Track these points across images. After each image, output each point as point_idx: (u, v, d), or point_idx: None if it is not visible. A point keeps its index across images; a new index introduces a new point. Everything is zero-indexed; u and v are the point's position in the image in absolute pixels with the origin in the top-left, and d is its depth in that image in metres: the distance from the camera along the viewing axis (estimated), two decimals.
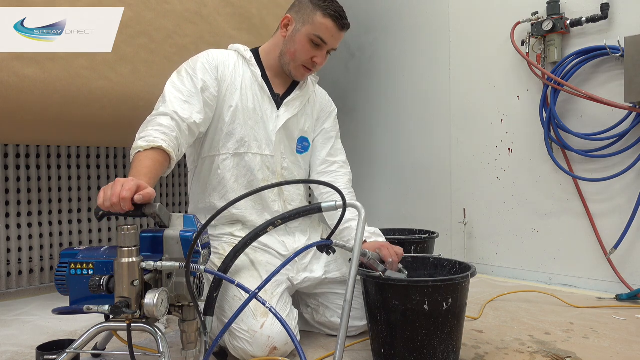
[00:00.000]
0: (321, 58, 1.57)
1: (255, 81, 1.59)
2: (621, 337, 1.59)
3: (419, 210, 3.00)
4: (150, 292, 1.08)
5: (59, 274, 1.15)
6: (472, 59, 2.69)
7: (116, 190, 1.06)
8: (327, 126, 1.76)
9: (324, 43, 1.53)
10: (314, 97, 1.74)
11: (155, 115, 1.37)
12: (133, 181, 1.09)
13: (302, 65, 1.57)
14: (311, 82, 1.73)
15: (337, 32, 1.54)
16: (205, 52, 1.57)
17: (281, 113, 1.62)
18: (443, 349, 1.27)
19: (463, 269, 1.42)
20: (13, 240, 2.31)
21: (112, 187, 1.07)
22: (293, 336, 1.07)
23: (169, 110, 1.38)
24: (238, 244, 1.40)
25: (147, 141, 1.26)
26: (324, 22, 1.51)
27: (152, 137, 1.28)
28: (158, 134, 1.29)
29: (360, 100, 3.35)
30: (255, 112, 1.58)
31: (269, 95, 1.60)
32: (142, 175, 1.18)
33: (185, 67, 1.52)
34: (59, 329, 1.77)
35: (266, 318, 1.35)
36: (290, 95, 1.65)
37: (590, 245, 2.26)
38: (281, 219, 1.41)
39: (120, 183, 1.07)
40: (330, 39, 1.54)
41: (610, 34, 2.15)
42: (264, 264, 1.50)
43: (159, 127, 1.32)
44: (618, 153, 2.13)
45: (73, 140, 2.32)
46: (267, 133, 1.59)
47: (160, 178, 1.37)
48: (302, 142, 1.70)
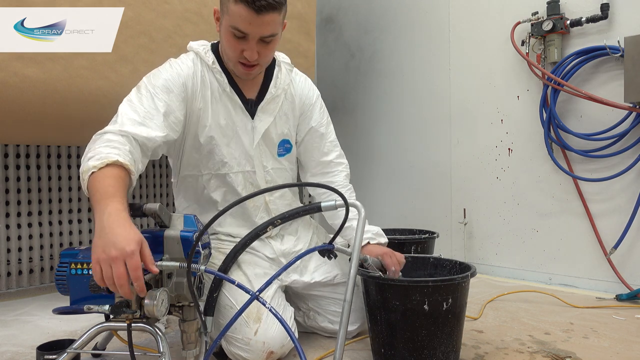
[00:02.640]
0: (250, 51, 1.32)
1: (223, 91, 1.43)
2: (621, 337, 1.59)
3: (419, 210, 3.00)
4: (151, 292, 1.08)
5: (59, 273, 1.15)
6: (472, 59, 2.69)
7: (120, 271, 0.93)
8: (315, 123, 1.60)
9: (244, 33, 1.30)
10: (291, 90, 1.56)
11: (101, 134, 1.21)
12: (133, 257, 0.94)
13: (238, 63, 1.37)
14: (286, 72, 1.55)
15: (255, 18, 1.27)
16: (168, 65, 1.40)
17: (257, 123, 1.48)
18: (443, 349, 1.28)
19: (463, 269, 1.42)
20: (13, 240, 2.31)
21: (111, 267, 0.93)
22: (292, 335, 1.07)
23: (114, 129, 1.20)
24: (238, 244, 1.41)
25: (99, 159, 1.10)
26: (237, 9, 1.27)
27: (102, 154, 1.12)
28: (108, 150, 1.14)
29: (360, 100, 3.35)
30: (228, 127, 1.45)
31: (240, 105, 1.45)
32: (111, 196, 1.02)
33: (145, 83, 1.34)
34: (59, 329, 1.77)
35: (259, 324, 1.33)
36: (264, 99, 1.49)
37: (590, 245, 2.26)
38: (281, 219, 1.41)
39: (120, 263, 0.93)
40: (249, 27, 1.28)
41: (610, 34, 2.15)
42: (252, 266, 1.47)
43: (107, 142, 1.16)
44: (618, 153, 2.13)
45: (73, 140, 2.32)
46: (245, 148, 1.47)
47: (160, 177, 1.36)
48: (284, 145, 1.57)
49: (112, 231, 0.96)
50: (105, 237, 0.96)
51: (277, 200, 1.56)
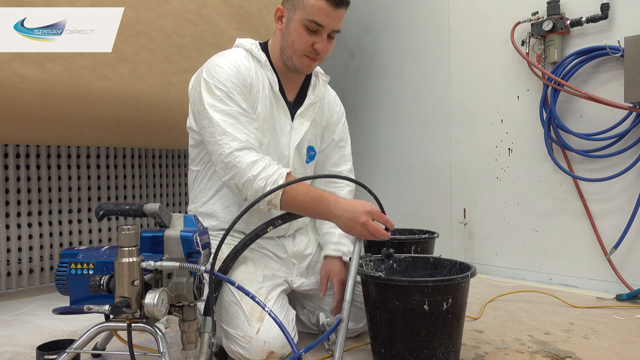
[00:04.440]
0: (322, 44, 1.41)
1: (271, 89, 1.48)
2: (621, 337, 1.59)
3: (419, 210, 3.00)
4: (151, 292, 1.08)
5: (59, 274, 1.16)
6: (472, 59, 2.69)
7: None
8: (337, 136, 1.68)
9: (320, 27, 1.38)
10: (324, 101, 1.64)
11: (237, 153, 1.34)
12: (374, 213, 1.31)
13: (304, 56, 1.44)
14: (322, 83, 1.63)
15: (333, 11, 1.37)
16: (224, 58, 1.43)
17: (296, 126, 1.53)
18: (443, 349, 1.27)
19: (463, 269, 1.41)
20: (13, 240, 2.30)
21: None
22: (291, 340, 1.07)
23: (241, 143, 1.34)
24: (238, 244, 1.40)
25: (278, 174, 1.32)
26: (316, 3, 1.36)
27: (271, 172, 1.33)
28: (274, 167, 1.34)
29: (360, 100, 3.35)
30: (269, 125, 1.48)
31: (283, 105, 1.50)
32: (321, 193, 1.33)
33: (213, 85, 1.38)
34: (59, 329, 1.77)
35: (261, 323, 1.33)
36: (304, 105, 1.55)
37: (590, 245, 2.26)
38: (281, 219, 1.41)
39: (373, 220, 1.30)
40: (326, 20, 1.38)
41: (610, 34, 2.15)
42: (262, 267, 1.47)
43: (263, 164, 1.34)
44: (618, 153, 2.13)
45: (73, 140, 2.32)
46: (280, 146, 1.51)
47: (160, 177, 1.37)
48: (310, 152, 1.62)
49: (352, 205, 1.30)
50: (353, 211, 1.29)
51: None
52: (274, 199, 1.31)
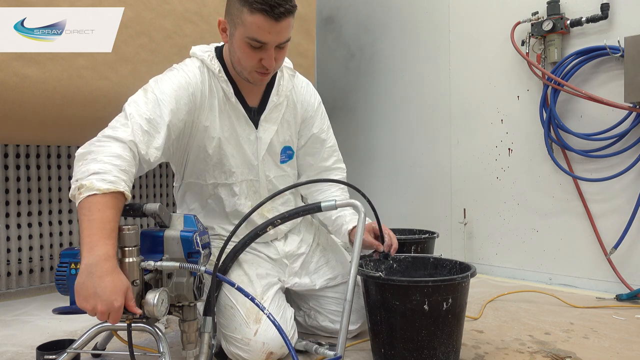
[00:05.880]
0: (269, 59, 1.29)
1: (228, 100, 1.40)
2: (621, 337, 1.59)
3: (419, 210, 3.00)
4: (151, 292, 1.08)
5: (59, 273, 1.16)
6: (472, 59, 2.69)
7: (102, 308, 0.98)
8: (316, 129, 1.59)
9: (261, 43, 1.27)
10: (293, 97, 1.54)
11: (112, 138, 1.17)
12: (118, 312, 0.99)
13: (254, 71, 1.33)
14: (288, 78, 1.52)
15: (274, 26, 1.23)
16: (176, 71, 1.35)
17: (261, 134, 1.46)
18: (443, 349, 1.27)
19: (463, 269, 1.42)
20: (13, 240, 2.30)
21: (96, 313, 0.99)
22: (288, 342, 1.07)
23: (127, 138, 1.17)
24: (237, 244, 1.40)
25: (108, 182, 1.07)
26: (254, 20, 1.23)
27: (111, 177, 1.08)
28: (117, 173, 1.10)
29: (360, 100, 3.35)
30: (232, 137, 1.43)
31: (244, 114, 1.43)
32: (107, 237, 1.02)
33: (153, 88, 1.29)
34: (59, 329, 1.77)
35: (259, 324, 1.33)
36: (267, 108, 1.46)
37: (590, 245, 2.26)
38: (280, 219, 1.41)
39: (105, 317, 0.99)
40: (268, 36, 1.25)
41: (610, 34, 2.15)
42: (254, 266, 1.47)
43: (116, 159, 1.12)
44: (618, 153, 2.13)
45: (73, 141, 2.32)
46: (247, 157, 1.46)
47: (160, 177, 1.36)
48: (286, 152, 1.55)
49: (101, 279, 0.99)
50: (92, 282, 0.99)
51: (279, 207, 1.56)
52: (82, 191, 1.10)
